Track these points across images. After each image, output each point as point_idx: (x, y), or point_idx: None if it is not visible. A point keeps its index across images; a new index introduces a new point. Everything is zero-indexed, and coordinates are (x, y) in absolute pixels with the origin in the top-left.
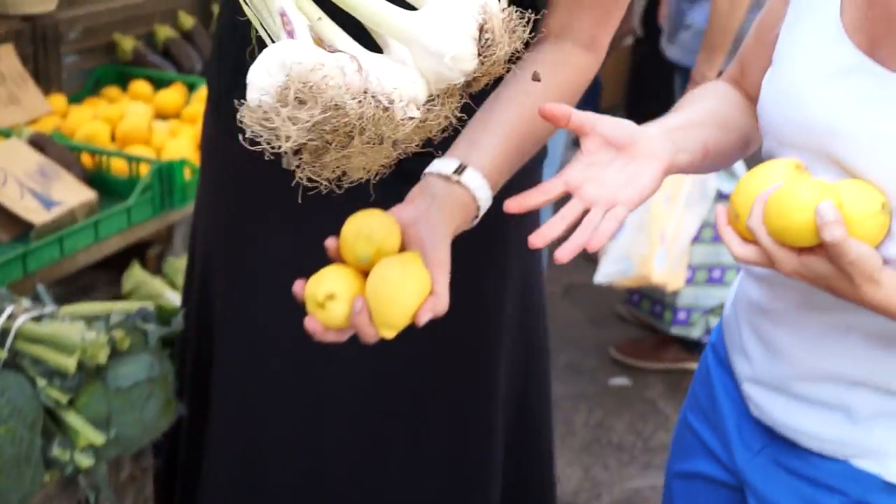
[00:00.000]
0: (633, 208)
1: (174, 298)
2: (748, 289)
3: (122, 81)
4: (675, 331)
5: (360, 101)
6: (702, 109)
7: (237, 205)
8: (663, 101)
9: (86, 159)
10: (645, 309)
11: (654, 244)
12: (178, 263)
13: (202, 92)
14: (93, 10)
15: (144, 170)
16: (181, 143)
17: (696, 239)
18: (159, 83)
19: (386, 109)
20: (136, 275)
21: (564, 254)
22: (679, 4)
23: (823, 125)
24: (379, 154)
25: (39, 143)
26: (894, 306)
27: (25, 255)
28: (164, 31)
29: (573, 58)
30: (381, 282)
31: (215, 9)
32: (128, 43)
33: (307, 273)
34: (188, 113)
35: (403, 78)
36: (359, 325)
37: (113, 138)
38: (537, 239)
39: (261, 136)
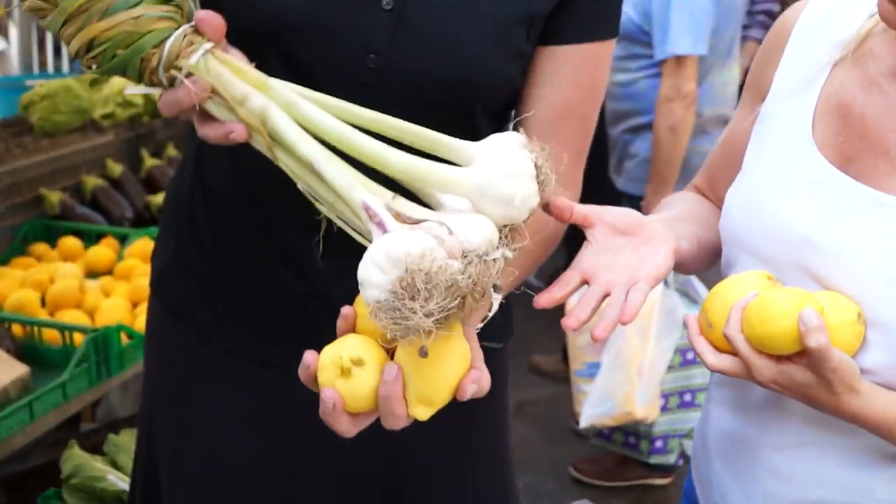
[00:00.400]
0: (654, 284)
1: (117, 481)
2: (719, 419)
3: (51, 237)
4: (654, 460)
5: (466, 267)
6: (683, 210)
7: (174, 384)
8: None
9: (17, 329)
10: (618, 441)
11: (633, 381)
12: (119, 440)
13: (134, 246)
14: (18, 166)
15: (79, 339)
16: (115, 303)
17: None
18: (89, 237)
19: (486, 263)
20: (75, 456)
21: (601, 331)
22: (622, 135)
23: (796, 236)
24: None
25: None
26: (872, 416)
27: None
28: (92, 181)
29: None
30: (418, 350)
31: (144, 155)
32: (55, 196)
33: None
34: (120, 269)
35: (479, 226)
36: (390, 398)
37: (43, 303)
38: (571, 321)
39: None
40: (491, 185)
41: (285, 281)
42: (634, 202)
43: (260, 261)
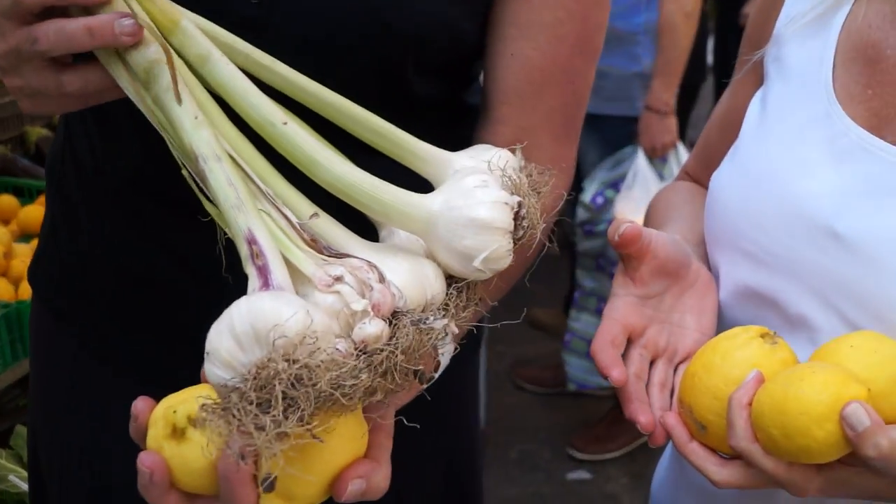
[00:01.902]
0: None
1: (20, 482)
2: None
3: None
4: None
5: (394, 344)
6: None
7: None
8: None
9: None
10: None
11: None
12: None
13: None
14: None
15: None
16: None
17: None
18: (28, 194)
19: (421, 331)
20: None
21: (660, 439)
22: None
23: (815, 227)
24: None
25: None
26: None
27: None
28: (37, 132)
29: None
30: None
31: None
32: None
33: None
34: None
35: (423, 277)
36: (230, 479)
37: None
38: (645, 420)
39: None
40: (450, 232)
41: (177, 284)
42: (616, 123)
43: (146, 258)
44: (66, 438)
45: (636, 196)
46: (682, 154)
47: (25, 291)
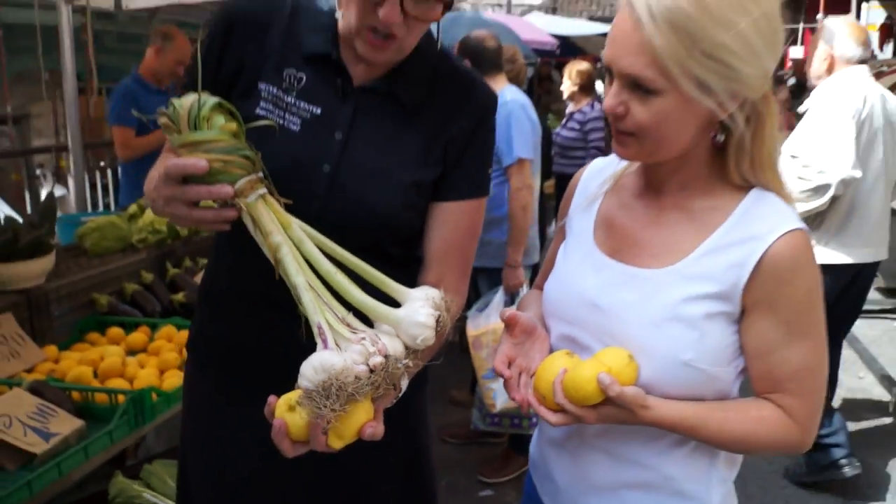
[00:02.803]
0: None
1: (150, 497)
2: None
3: (101, 328)
4: (532, 432)
5: (374, 375)
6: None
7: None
8: None
9: (76, 395)
10: (506, 425)
11: None
12: (152, 468)
13: (161, 331)
14: (74, 279)
15: (121, 399)
16: (149, 372)
17: None
18: (129, 326)
19: (395, 365)
20: (119, 483)
21: (523, 400)
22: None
23: (589, 303)
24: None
25: (37, 389)
26: (662, 419)
27: (30, 481)
28: (131, 286)
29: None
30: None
31: (168, 266)
32: (103, 298)
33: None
34: (152, 348)
35: (395, 344)
36: (316, 430)
37: (96, 374)
38: (519, 398)
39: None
40: (407, 327)
41: (273, 350)
42: (490, 274)
43: (256, 339)
44: (206, 457)
45: (489, 313)
46: (524, 290)
47: (138, 385)
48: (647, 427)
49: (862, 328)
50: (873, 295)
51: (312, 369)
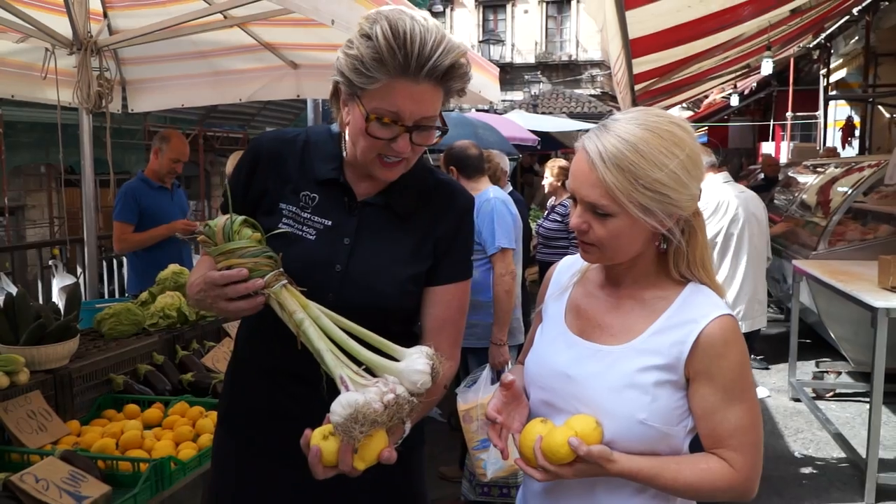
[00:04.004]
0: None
1: None
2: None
3: (117, 405)
4: None
5: (388, 409)
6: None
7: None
8: None
9: (101, 464)
10: (495, 494)
11: (511, 446)
12: None
13: (174, 408)
14: (93, 360)
15: (143, 467)
16: (165, 444)
17: None
18: (144, 403)
19: (403, 403)
20: None
21: (504, 449)
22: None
23: (562, 374)
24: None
25: (68, 458)
26: (626, 471)
27: None
28: (144, 367)
29: (445, 370)
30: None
31: (178, 349)
32: (119, 378)
33: None
34: (166, 423)
35: (400, 388)
36: (345, 454)
37: (117, 446)
38: (501, 447)
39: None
40: (409, 375)
41: (293, 412)
42: (478, 353)
43: (278, 405)
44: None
45: (477, 388)
46: (509, 367)
47: (156, 455)
48: (613, 478)
49: (835, 411)
50: (844, 379)
51: (341, 406)
